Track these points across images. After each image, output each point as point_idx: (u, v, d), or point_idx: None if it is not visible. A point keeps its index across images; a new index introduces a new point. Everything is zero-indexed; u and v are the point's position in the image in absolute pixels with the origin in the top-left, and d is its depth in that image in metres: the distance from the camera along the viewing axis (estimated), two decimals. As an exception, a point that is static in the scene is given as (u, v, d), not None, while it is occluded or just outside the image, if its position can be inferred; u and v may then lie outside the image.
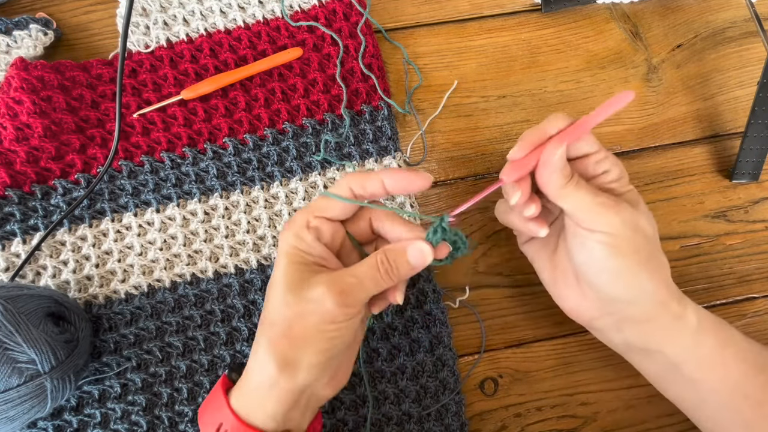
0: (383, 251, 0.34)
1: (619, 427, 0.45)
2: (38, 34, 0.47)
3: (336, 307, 0.32)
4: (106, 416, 0.42)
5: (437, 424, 0.43)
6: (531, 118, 0.49)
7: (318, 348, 0.32)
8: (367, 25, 0.49)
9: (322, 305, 0.32)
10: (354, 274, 0.33)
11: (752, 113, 0.47)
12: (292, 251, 0.34)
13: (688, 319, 0.36)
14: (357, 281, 0.33)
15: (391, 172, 0.35)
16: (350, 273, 0.33)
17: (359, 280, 0.33)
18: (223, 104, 0.47)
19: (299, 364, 0.32)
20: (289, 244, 0.34)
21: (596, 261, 0.35)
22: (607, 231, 0.34)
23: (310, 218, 0.35)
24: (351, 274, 0.33)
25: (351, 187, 0.35)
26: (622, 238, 0.34)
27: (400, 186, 0.35)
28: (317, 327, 0.32)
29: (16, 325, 0.35)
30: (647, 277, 0.35)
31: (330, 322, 0.32)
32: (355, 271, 0.33)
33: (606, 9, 0.52)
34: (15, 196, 0.44)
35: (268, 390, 0.33)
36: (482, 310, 0.46)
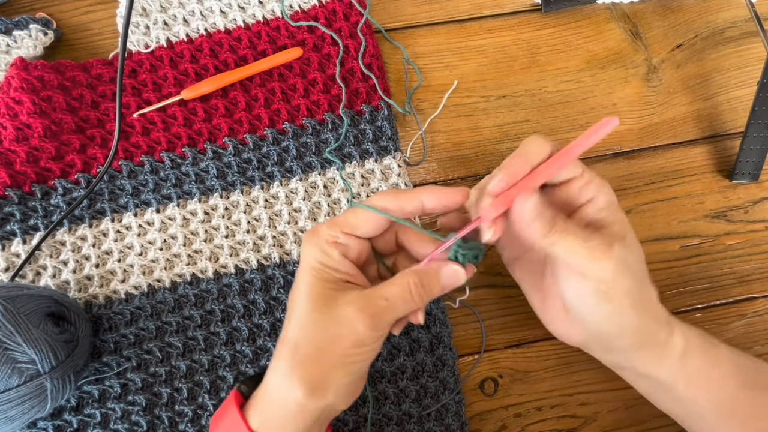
0: (416, 274, 0.33)
1: (619, 427, 0.45)
2: (38, 34, 0.47)
3: (367, 330, 0.31)
4: (106, 416, 0.42)
5: (437, 424, 0.43)
6: (531, 118, 0.49)
7: (346, 371, 0.32)
8: (367, 25, 0.49)
9: (353, 328, 0.31)
10: (385, 296, 0.32)
11: (752, 113, 0.47)
12: (318, 267, 0.33)
13: (675, 344, 0.36)
14: (388, 304, 0.32)
15: (431, 190, 0.34)
16: (381, 295, 0.32)
17: (391, 303, 0.32)
18: (223, 104, 0.47)
19: (328, 388, 0.32)
20: (314, 259, 0.33)
21: (586, 305, 0.34)
22: (598, 278, 0.33)
23: (338, 234, 0.33)
24: (382, 296, 0.32)
25: (387, 207, 0.33)
26: (613, 284, 0.33)
27: (441, 204, 0.34)
28: (346, 350, 0.31)
29: (16, 325, 0.35)
30: (635, 314, 0.34)
31: (359, 346, 0.32)
32: (386, 293, 0.32)
33: (606, 9, 0.52)
34: (15, 196, 0.44)
35: (292, 412, 0.32)
36: (482, 310, 0.46)
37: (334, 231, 0.33)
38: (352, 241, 0.34)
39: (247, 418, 0.33)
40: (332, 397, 0.32)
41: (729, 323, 0.47)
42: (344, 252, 0.33)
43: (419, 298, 0.33)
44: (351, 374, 0.32)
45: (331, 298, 0.32)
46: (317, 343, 0.32)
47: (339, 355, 0.31)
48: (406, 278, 0.33)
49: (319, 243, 0.33)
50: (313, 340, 0.32)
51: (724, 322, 0.47)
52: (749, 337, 0.47)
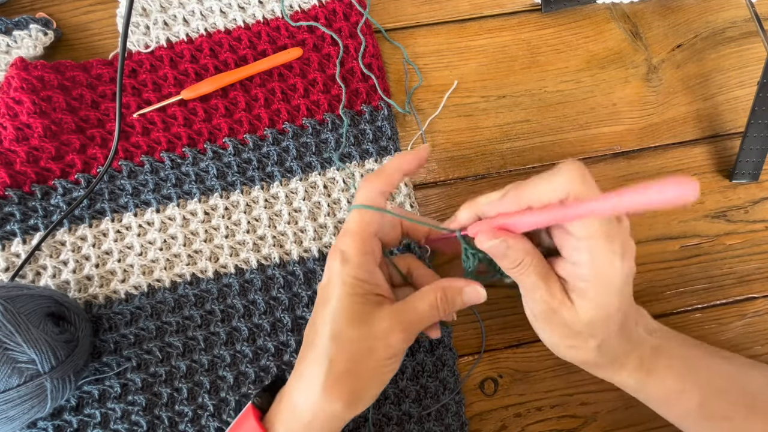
0: (442, 290, 0.35)
1: (619, 427, 0.45)
2: (38, 34, 0.47)
3: (401, 342, 0.33)
4: (106, 416, 0.42)
5: (437, 424, 0.43)
6: (531, 118, 0.49)
7: (381, 381, 0.34)
8: (367, 25, 0.49)
9: (388, 342, 0.33)
10: (415, 310, 0.34)
11: (752, 113, 0.47)
12: (353, 282, 0.33)
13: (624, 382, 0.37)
14: (418, 318, 0.34)
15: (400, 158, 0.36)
16: (412, 309, 0.34)
17: (419, 316, 0.34)
18: (223, 104, 0.47)
19: (364, 399, 0.34)
20: (349, 274, 0.33)
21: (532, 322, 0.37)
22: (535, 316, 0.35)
23: (366, 241, 0.34)
24: (413, 311, 0.34)
25: (380, 191, 0.35)
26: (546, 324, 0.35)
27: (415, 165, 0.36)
28: (382, 362, 0.33)
29: (16, 325, 0.35)
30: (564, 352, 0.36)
31: (393, 357, 0.34)
32: (416, 307, 0.34)
33: (606, 9, 0.52)
34: (15, 196, 0.44)
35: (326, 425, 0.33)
36: (482, 310, 0.46)
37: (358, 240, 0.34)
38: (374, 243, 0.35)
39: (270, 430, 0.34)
40: (365, 405, 0.34)
41: (729, 323, 0.47)
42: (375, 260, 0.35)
43: (443, 311, 0.35)
44: (384, 383, 0.35)
45: (366, 313, 0.33)
46: (354, 357, 0.33)
47: (375, 367, 0.33)
48: (434, 294, 0.35)
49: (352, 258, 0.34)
50: (349, 356, 0.33)
51: (724, 322, 0.47)
52: (749, 337, 0.47)
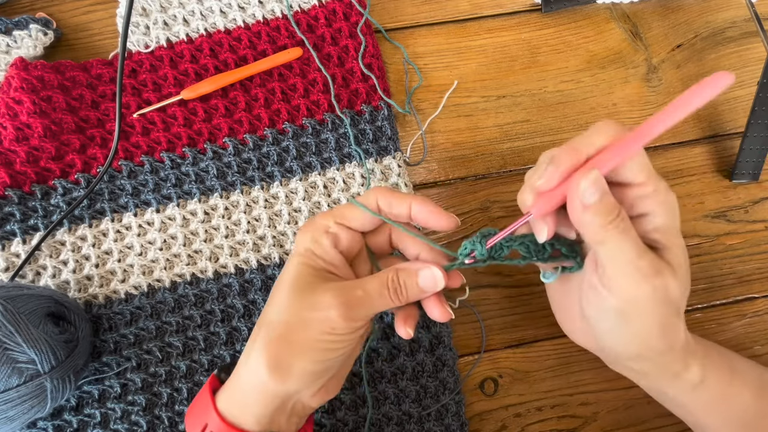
0: (395, 270, 0.33)
1: (619, 427, 0.45)
2: (38, 34, 0.47)
3: (340, 318, 0.31)
4: (106, 416, 0.42)
5: (437, 424, 0.43)
6: (531, 118, 0.49)
7: (314, 357, 0.32)
8: (367, 25, 0.49)
9: (326, 314, 0.31)
10: (363, 287, 0.32)
11: (752, 113, 0.47)
12: (306, 253, 0.33)
13: (690, 377, 0.34)
14: (365, 296, 0.32)
15: (423, 202, 0.33)
16: (359, 286, 0.32)
17: (367, 295, 0.32)
18: (223, 104, 0.47)
19: (291, 370, 0.31)
20: (304, 246, 0.34)
21: (605, 323, 0.32)
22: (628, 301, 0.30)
23: (331, 223, 0.34)
24: (360, 288, 0.32)
25: (378, 201, 0.34)
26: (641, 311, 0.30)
27: (426, 219, 0.33)
28: (317, 335, 0.31)
29: (16, 325, 0.35)
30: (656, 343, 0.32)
31: (330, 333, 0.31)
32: (364, 285, 0.32)
33: (606, 9, 0.52)
34: (15, 196, 0.44)
35: (256, 392, 0.32)
36: (482, 310, 0.46)
37: (327, 220, 0.34)
38: (344, 231, 0.34)
39: (218, 401, 0.33)
40: (295, 381, 0.31)
41: (729, 323, 0.47)
42: (334, 241, 0.34)
43: (395, 294, 0.33)
44: (319, 362, 0.32)
45: (311, 284, 0.32)
46: (290, 325, 0.32)
47: (309, 339, 0.31)
48: (386, 274, 0.33)
49: (312, 230, 0.34)
50: (286, 322, 0.32)
51: (724, 322, 0.47)
52: (749, 337, 0.47)
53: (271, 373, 0.31)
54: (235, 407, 0.33)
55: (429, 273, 0.33)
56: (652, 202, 0.30)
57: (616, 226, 0.28)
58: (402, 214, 0.34)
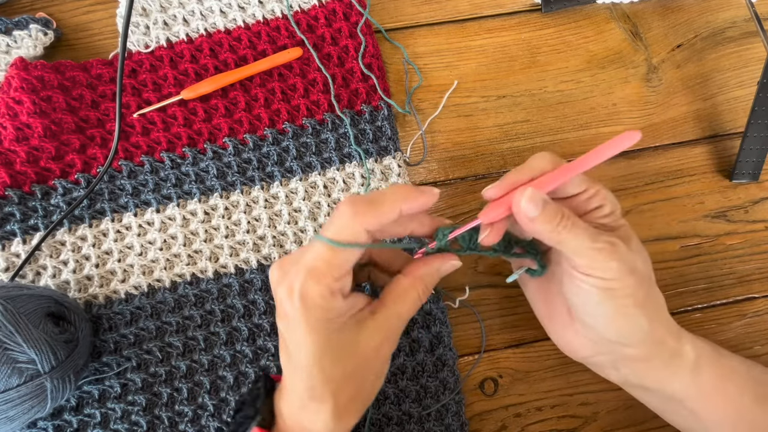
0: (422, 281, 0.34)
1: (619, 427, 0.45)
2: (38, 34, 0.47)
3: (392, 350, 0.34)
4: (106, 416, 0.42)
5: (437, 424, 0.43)
6: (531, 118, 0.49)
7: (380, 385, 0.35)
8: (367, 25, 0.49)
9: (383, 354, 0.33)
10: (399, 316, 0.33)
11: (752, 113, 0.47)
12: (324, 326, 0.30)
13: (686, 356, 0.36)
14: (403, 322, 0.34)
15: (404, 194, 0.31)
16: (395, 316, 0.33)
17: (404, 320, 0.34)
18: (223, 104, 0.47)
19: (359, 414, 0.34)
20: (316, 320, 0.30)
21: (591, 305, 0.34)
22: (603, 276, 0.33)
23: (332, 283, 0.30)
24: (396, 317, 0.33)
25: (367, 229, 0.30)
26: (618, 282, 0.33)
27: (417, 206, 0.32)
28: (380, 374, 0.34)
29: (16, 325, 0.35)
30: (643, 318, 0.34)
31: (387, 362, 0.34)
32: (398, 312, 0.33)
33: (606, 9, 0.52)
34: (15, 196, 0.44)
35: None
36: (482, 310, 0.46)
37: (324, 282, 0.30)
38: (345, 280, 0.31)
39: None
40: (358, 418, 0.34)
41: (729, 323, 0.47)
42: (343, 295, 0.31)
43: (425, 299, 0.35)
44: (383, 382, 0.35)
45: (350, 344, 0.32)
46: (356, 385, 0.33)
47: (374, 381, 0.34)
48: (415, 291, 0.34)
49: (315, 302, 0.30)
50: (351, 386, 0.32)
51: (724, 322, 0.47)
52: (749, 337, 0.47)
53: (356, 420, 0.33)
54: None
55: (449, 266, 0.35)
56: (598, 198, 0.35)
57: (564, 226, 0.32)
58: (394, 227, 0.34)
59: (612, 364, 0.37)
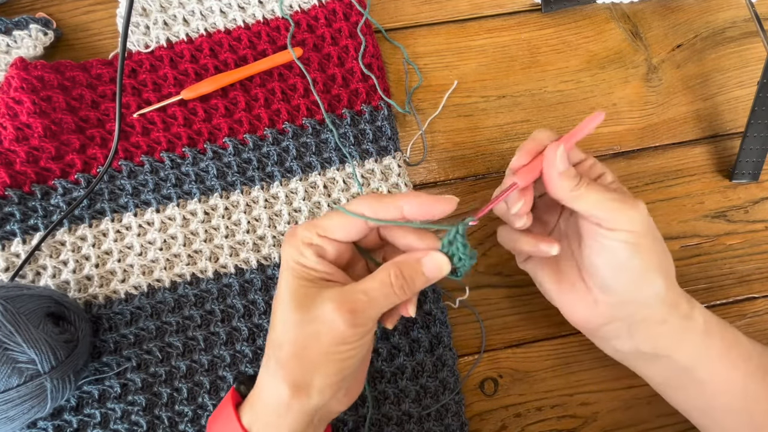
0: (396, 265, 0.32)
1: (619, 427, 0.45)
2: (38, 34, 0.47)
3: (347, 327, 0.30)
4: (106, 416, 0.42)
5: (437, 424, 0.43)
6: (531, 118, 0.49)
7: (330, 370, 0.31)
8: (367, 25, 0.49)
9: (333, 325, 0.30)
10: (364, 290, 0.31)
11: (752, 113, 0.47)
12: (296, 267, 0.32)
13: (696, 320, 0.37)
14: (368, 299, 0.31)
15: (414, 197, 0.32)
16: (360, 289, 0.31)
17: (370, 298, 0.31)
18: (223, 104, 0.47)
19: (312, 387, 0.31)
20: (292, 259, 0.33)
21: (618, 261, 0.35)
22: (629, 229, 0.34)
23: (313, 236, 0.33)
24: (361, 291, 0.31)
25: (364, 213, 0.32)
26: (643, 236, 0.34)
27: (422, 212, 0.32)
28: (329, 348, 0.31)
29: (16, 325, 0.35)
30: (662, 277, 0.35)
31: (341, 343, 0.31)
32: (365, 287, 0.31)
33: (606, 9, 0.52)
34: (15, 196, 0.44)
35: (282, 412, 0.31)
36: (482, 310, 0.46)
37: (309, 232, 0.33)
38: (327, 243, 0.33)
39: (241, 415, 0.33)
40: (317, 396, 0.31)
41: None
42: (320, 253, 0.33)
43: (401, 290, 0.32)
44: (337, 373, 0.31)
45: (310, 297, 0.31)
46: (299, 342, 0.31)
47: (321, 353, 0.31)
48: (386, 271, 0.32)
49: (296, 243, 0.33)
50: (295, 340, 0.31)
51: (724, 322, 0.47)
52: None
53: (294, 394, 0.31)
54: (260, 426, 0.32)
55: (432, 260, 0.32)
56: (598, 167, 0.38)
57: (583, 185, 0.35)
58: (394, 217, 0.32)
59: (627, 331, 0.37)
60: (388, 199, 0.32)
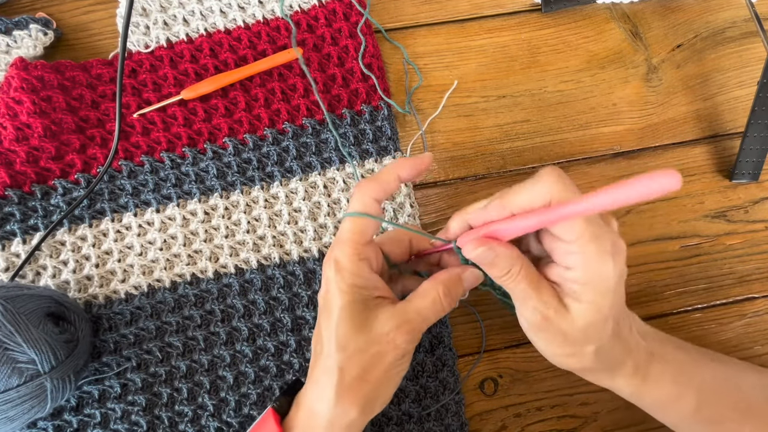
0: (443, 284, 0.35)
1: (619, 427, 0.45)
2: (38, 34, 0.47)
3: (407, 344, 0.33)
4: (106, 416, 0.42)
5: (437, 424, 0.43)
6: (531, 118, 0.49)
7: (393, 383, 0.35)
8: (367, 25, 0.49)
9: (395, 344, 0.33)
10: (418, 310, 0.34)
11: (752, 113, 0.47)
12: (351, 290, 0.33)
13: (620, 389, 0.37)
14: (422, 318, 0.34)
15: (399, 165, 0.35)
16: (414, 309, 0.34)
17: (424, 317, 0.34)
18: (223, 104, 0.47)
19: (379, 403, 0.34)
20: (346, 283, 0.33)
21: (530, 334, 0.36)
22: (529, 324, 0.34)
23: (359, 249, 0.34)
24: (415, 311, 0.34)
25: (373, 197, 0.34)
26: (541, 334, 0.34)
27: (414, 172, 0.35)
28: (390, 366, 0.33)
29: (16, 325, 0.35)
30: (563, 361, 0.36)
31: (402, 357, 0.34)
32: (418, 307, 0.34)
33: (606, 9, 0.52)
34: (15, 196, 0.44)
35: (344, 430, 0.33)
36: (482, 310, 0.46)
37: (351, 248, 0.34)
38: (371, 251, 0.35)
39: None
40: (379, 410, 0.35)
41: (729, 323, 0.47)
42: (370, 266, 0.34)
43: (448, 305, 0.35)
44: (395, 385, 0.35)
45: (369, 319, 0.33)
46: (363, 364, 0.33)
47: (385, 370, 0.33)
48: (435, 291, 0.34)
49: (347, 266, 0.34)
50: (359, 363, 0.33)
51: (724, 322, 0.47)
52: (749, 337, 0.47)
53: (363, 413, 0.33)
54: None
55: (472, 275, 0.36)
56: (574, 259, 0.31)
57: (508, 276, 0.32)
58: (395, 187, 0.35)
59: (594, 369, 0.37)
60: (383, 176, 0.35)
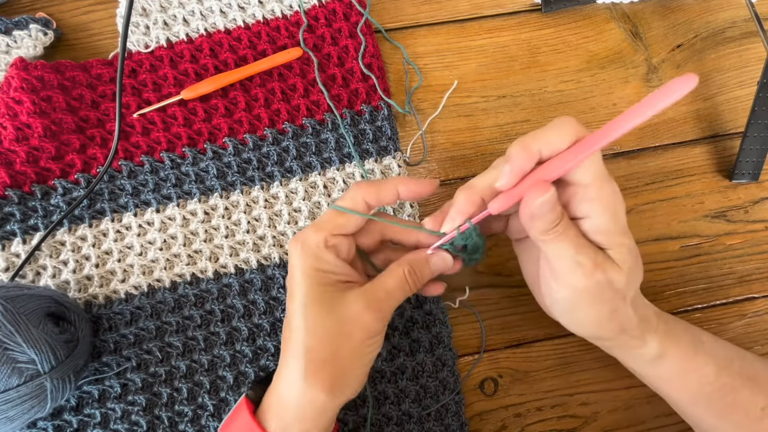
0: (408, 263, 0.35)
1: (619, 427, 0.45)
2: (38, 34, 0.47)
3: (375, 321, 0.33)
4: (106, 416, 0.42)
5: (437, 424, 0.43)
6: (531, 118, 0.49)
7: (363, 363, 0.34)
8: (367, 25, 0.49)
9: (363, 323, 0.33)
10: (383, 288, 0.34)
11: (752, 113, 0.47)
12: (315, 273, 0.33)
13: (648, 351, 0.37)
14: (389, 295, 0.34)
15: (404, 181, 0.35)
16: (380, 288, 0.34)
17: (390, 294, 0.34)
18: (223, 104, 0.47)
19: (348, 384, 0.34)
20: (309, 266, 0.34)
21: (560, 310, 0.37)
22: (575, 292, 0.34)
23: (328, 237, 0.34)
24: (381, 289, 0.34)
25: (365, 199, 0.35)
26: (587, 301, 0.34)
27: (414, 193, 0.35)
28: (359, 344, 0.33)
29: (16, 325, 0.35)
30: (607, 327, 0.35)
31: (371, 337, 0.34)
32: (384, 285, 0.34)
33: (606, 9, 0.52)
34: (15, 196, 0.44)
35: (315, 414, 0.33)
36: (482, 310, 0.46)
37: (321, 234, 0.34)
38: (342, 241, 0.35)
39: (264, 424, 0.33)
40: (350, 393, 0.34)
41: (729, 323, 0.47)
42: (337, 253, 0.34)
43: (413, 284, 0.35)
44: (366, 365, 0.34)
45: (335, 300, 0.33)
46: (331, 344, 0.33)
47: (353, 350, 0.33)
48: (401, 268, 0.35)
49: (311, 249, 0.34)
50: (326, 342, 0.33)
51: (724, 322, 0.47)
52: (749, 337, 0.47)
53: (332, 394, 0.33)
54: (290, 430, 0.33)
55: (440, 258, 0.36)
56: (592, 205, 0.32)
57: (555, 230, 0.32)
58: (391, 200, 0.35)
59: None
60: (383, 184, 0.35)
